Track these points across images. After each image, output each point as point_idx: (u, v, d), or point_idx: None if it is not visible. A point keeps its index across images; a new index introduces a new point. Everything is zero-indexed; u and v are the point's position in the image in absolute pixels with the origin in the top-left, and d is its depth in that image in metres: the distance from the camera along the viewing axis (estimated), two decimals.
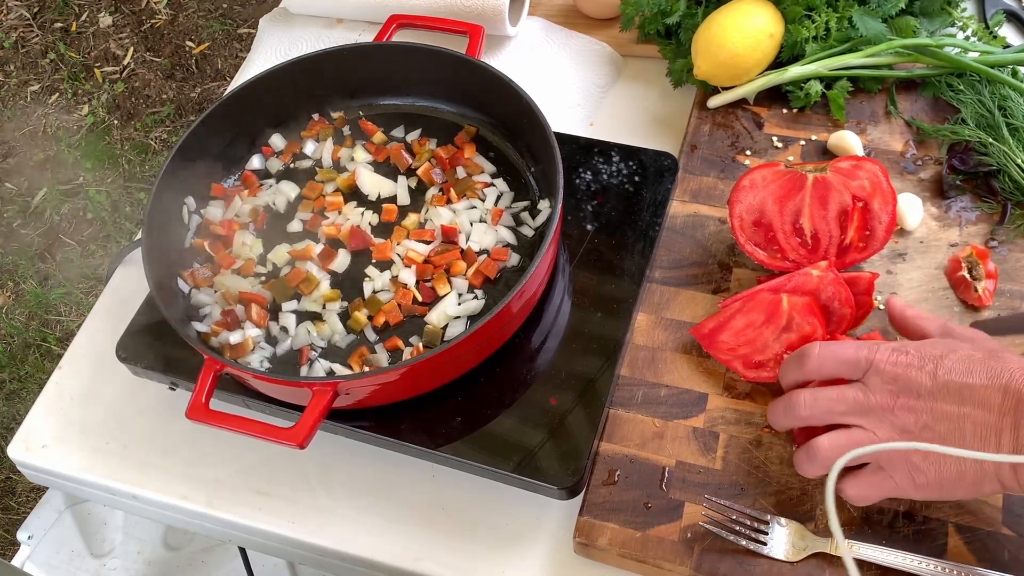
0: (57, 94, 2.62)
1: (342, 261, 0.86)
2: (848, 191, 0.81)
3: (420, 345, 0.80)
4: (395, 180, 0.92)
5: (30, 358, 2.13)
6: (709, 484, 0.73)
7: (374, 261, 0.86)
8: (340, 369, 0.80)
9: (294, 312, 0.83)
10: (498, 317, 0.72)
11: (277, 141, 0.96)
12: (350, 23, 1.13)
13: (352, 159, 0.94)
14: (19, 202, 2.41)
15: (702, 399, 0.77)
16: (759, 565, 0.69)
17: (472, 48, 0.93)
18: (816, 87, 0.93)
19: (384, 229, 0.88)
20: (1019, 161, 0.85)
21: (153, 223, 0.82)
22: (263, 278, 0.86)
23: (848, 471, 0.68)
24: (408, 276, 0.83)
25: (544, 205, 0.87)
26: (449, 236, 0.86)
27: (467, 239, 0.86)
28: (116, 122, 2.53)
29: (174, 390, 0.83)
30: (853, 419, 0.67)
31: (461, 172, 0.90)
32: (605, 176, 0.90)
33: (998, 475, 0.62)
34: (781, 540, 0.70)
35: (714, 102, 0.96)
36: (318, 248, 0.87)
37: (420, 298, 0.83)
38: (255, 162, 0.95)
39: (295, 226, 0.89)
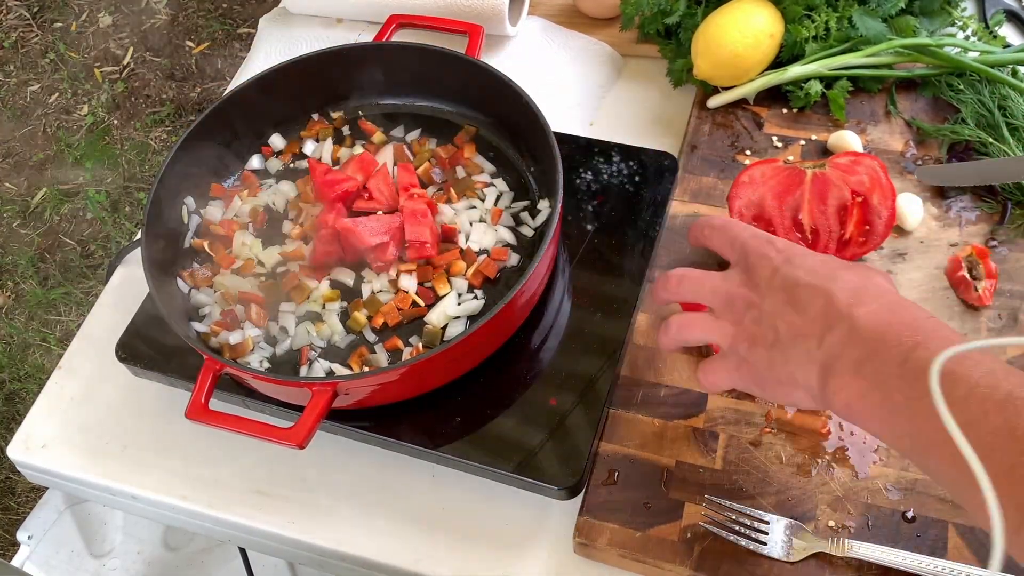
0: (57, 94, 2.62)
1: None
2: (847, 186, 0.81)
3: (420, 345, 0.80)
4: None
5: (30, 358, 2.13)
6: (709, 484, 0.73)
7: None
8: (340, 369, 0.79)
9: (293, 312, 0.83)
10: (498, 317, 0.72)
11: (277, 141, 0.96)
12: (350, 23, 1.13)
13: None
14: (19, 202, 2.41)
15: (702, 399, 0.77)
16: (759, 565, 0.69)
17: (472, 48, 0.93)
18: (816, 87, 0.93)
19: None
20: None
21: (153, 223, 0.82)
22: (262, 278, 0.86)
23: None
24: (407, 277, 0.83)
25: (544, 205, 0.87)
26: (449, 236, 0.86)
27: (467, 239, 0.85)
28: (116, 122, 2.53)
29: None
30: (712, 303, 0.68)
31: (461, 172, 0.90)
32: (605, 176, 0.90)
33: (806, 385, 0.61)
34: (781, 540, 0.69)
35: (714, 102, 0.96)
36: (309, 249, 0.86)
37: (420, 301, 0.83)
38: (255, 162, 0.95)
39: (292, 226, 0.89)
